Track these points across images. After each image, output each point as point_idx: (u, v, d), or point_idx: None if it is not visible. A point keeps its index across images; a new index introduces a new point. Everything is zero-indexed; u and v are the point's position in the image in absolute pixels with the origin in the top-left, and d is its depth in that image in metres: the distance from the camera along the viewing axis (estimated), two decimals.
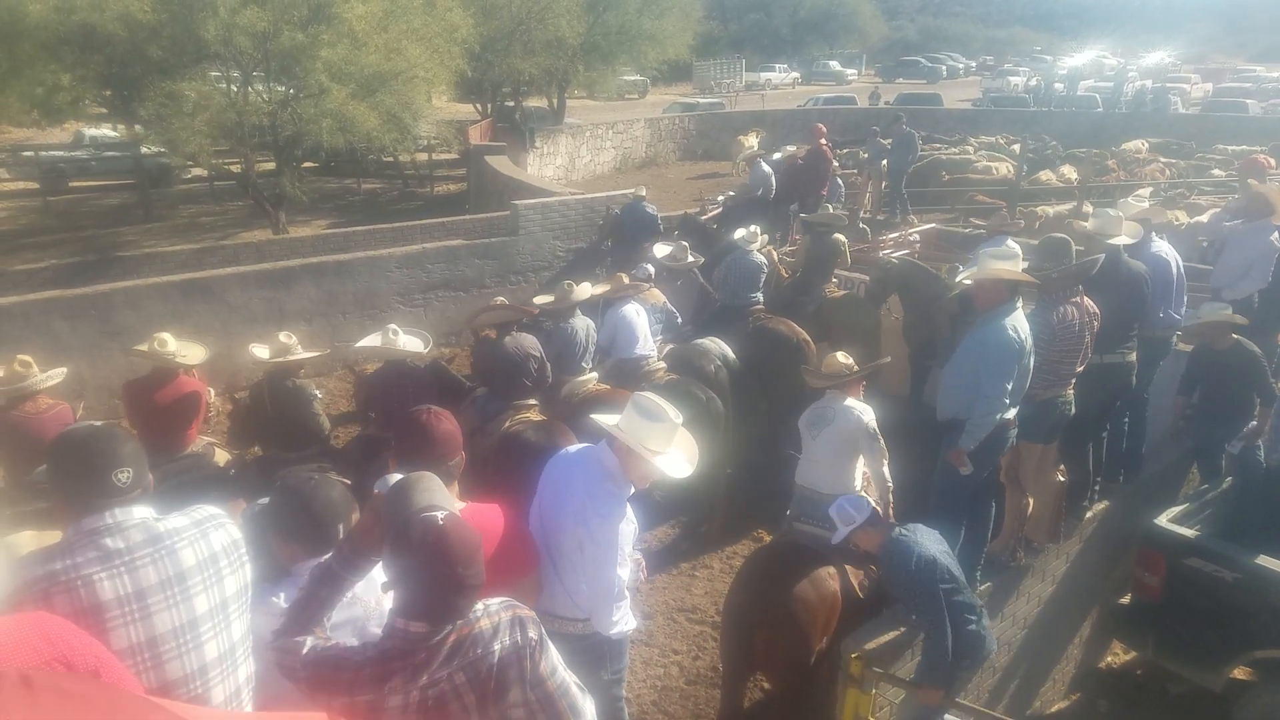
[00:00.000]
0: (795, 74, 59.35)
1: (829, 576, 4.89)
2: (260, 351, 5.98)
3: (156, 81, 15.82)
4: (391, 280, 11.72)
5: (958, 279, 6.16)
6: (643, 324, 7.54)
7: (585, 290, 7.39)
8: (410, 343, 6.09)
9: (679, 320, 8.60)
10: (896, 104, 32.76)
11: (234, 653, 2.42)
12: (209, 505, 2.52)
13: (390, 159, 22.71)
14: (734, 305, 8.52)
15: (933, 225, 13.68)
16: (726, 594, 5.20)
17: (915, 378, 8.27)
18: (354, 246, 13.08)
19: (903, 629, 4.87)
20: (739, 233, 8.91)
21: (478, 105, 28.82)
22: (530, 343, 6.36)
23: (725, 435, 7.10)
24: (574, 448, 3.89)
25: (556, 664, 2.39)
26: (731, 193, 13.02)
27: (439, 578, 2.17)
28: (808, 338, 8.11)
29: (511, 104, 28.76)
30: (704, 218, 11.90)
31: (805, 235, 10.23)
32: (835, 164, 14.66)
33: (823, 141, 13.37)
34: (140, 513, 2.34)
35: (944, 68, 62.44)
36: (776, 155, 14.02)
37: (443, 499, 2.56)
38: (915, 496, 5.72)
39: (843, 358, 5.31)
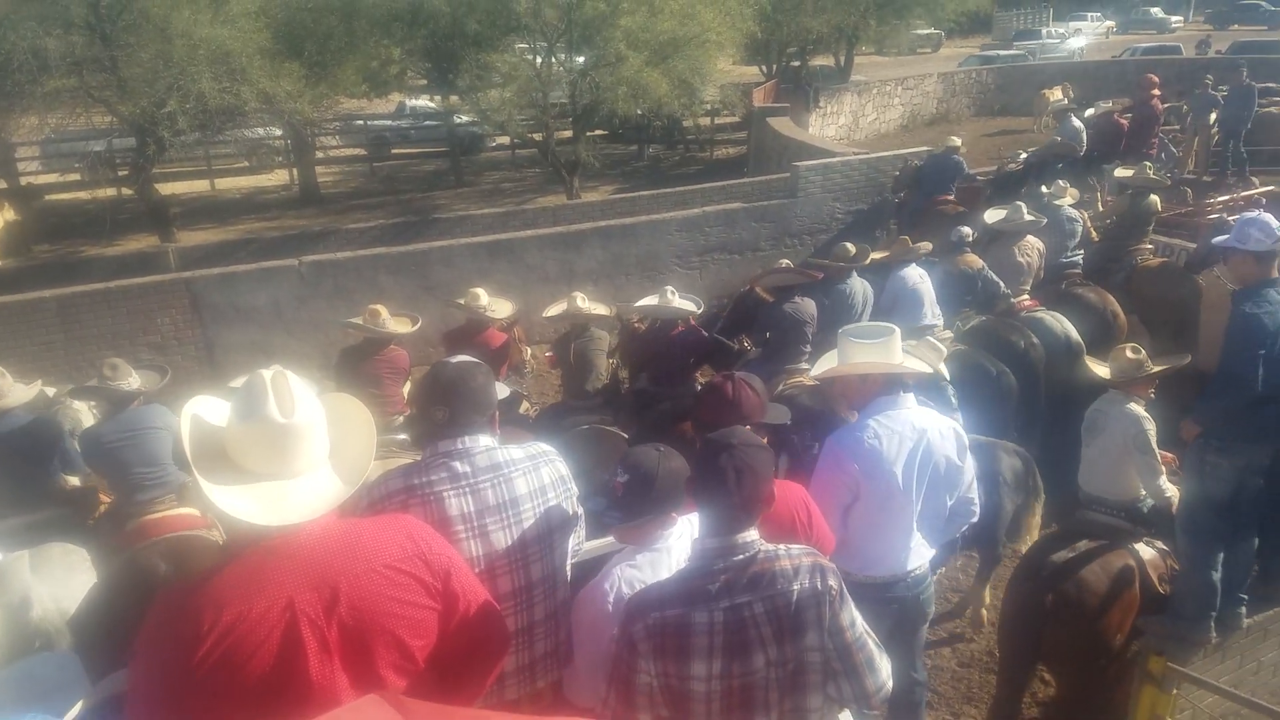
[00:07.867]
0: (1110, 22, 53.26)
1: (1126, 570, 4.49)
2: (554, 309, 6.54)
3: (472, 54, 17.20)
4: (671, 243, 12.00)
5: None
6: (927, 290, 7.04)
7: (865, 253, 7.18)
8: (685, 304, 6.40)
9: (1001, 289, 7.55)
10: (1230, 53, 28.54)
11: (554, 577, 2.68)
12: (542, 443, 2.80)
13: (679, 124, 23.11)
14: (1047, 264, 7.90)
15: (1272, 188, 11.97)
16: (1009, 581, 4.93)
17: None
18: (638, 211, 13.53)
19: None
20: (1048, 187, 8.27)
21: (763, 67, 28.64)
22: (810, 308, 6.29)
23: (1016, 415, 6.65)
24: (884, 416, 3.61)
25: (856, 617, 2.42)
26: (1032, 150, 12.03)
27: (714, 492, 2.35)
28: (1119, 310, 7.39)
29: (797, 64, 28.31)
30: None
31: (1120, 196, 9.29)
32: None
33: (1155, 93, 11.97)
34: (485, 441, 2.62)
35: None
36: (1089, 111, 12.77)
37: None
38: None
39: (1132, 353, 4.74)
